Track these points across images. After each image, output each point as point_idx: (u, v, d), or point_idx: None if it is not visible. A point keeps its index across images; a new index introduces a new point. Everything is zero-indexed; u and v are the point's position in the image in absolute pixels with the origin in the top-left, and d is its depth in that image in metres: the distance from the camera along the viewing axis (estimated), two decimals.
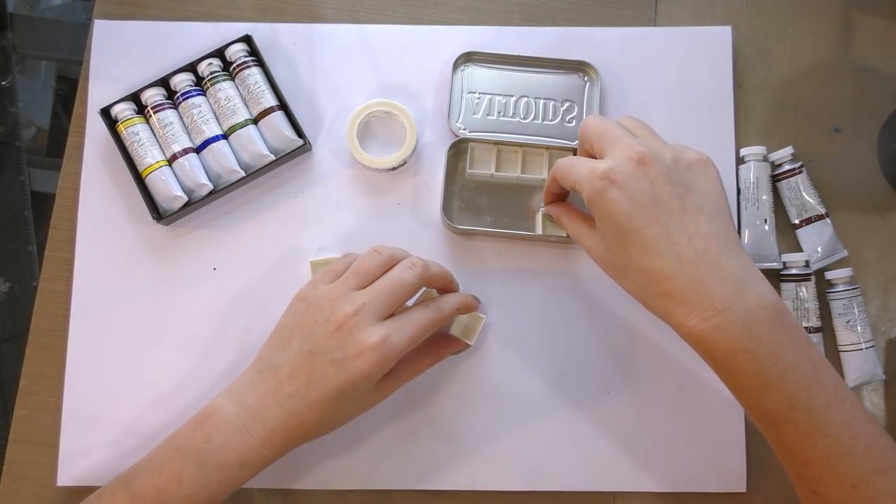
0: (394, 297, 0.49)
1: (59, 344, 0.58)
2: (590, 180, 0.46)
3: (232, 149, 0.59)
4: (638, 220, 0.44)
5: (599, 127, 0.48)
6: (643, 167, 0.45)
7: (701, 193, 0.46)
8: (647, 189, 0.45)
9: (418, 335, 0.49)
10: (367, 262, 0.50)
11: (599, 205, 0.46)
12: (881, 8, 0.64)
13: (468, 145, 0.60)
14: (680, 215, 0.44)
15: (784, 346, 0.43)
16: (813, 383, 0.43)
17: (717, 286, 0.43)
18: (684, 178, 0.46)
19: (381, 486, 0.56)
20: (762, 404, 0.44)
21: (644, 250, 0.44)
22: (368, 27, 0.63)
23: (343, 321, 0.47)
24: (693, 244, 0.44)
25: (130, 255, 0.59)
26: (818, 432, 0.43)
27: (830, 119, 0.62)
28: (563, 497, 0.56)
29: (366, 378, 0.46)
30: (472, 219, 0.60)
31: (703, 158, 0.47)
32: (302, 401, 0.47)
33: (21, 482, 0.56)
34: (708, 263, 0.44)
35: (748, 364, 0.43)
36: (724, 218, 0.46)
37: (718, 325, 0.43)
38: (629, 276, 0.47)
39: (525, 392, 0.57)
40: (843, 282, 0.58)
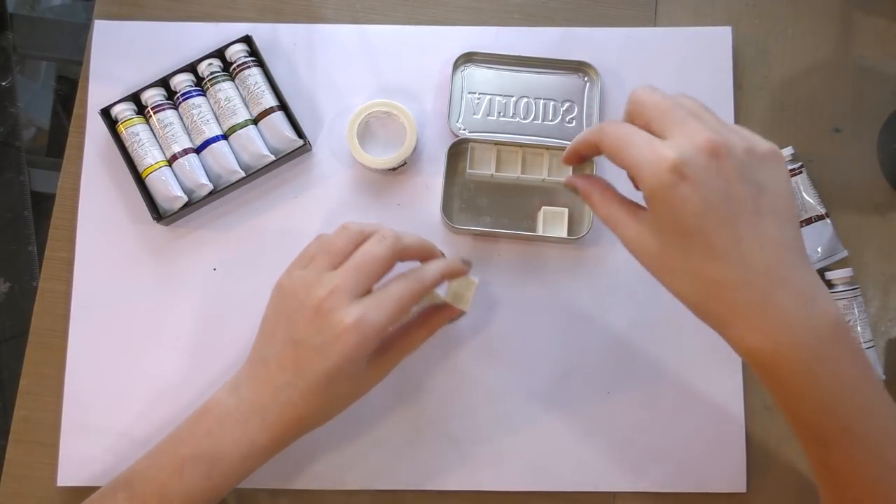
0: (366, 273, 0.47)
1: (59, 344, 0.58)
2: (656, 171, 0.39)
3: (232, 149, 0.59)
4: (708, 223, 0.39)
5: (660, 102, 0.42)
6: (716, 160, 0.39)
7: (774, 195, 0.41)
8: (721, 187, 0.39)
9: (398, 308, 0.47)
10: (335, 241, 0.49)
11: (667, 201, 0.40)
12: (881, 8, 0.64)
13: (468, 145, 0.60)
14: (753, 219, 0.40)
15: (846, 365, 0.40)
16: (871, 406, 0.41)
17: (786, 302, 0.40)
18: (757, 174, 0.41)
19: (381, 486, 0.56)
20: (816, 424, 0.41)
21: (710, 256, 0.40)
22: (368, 27, 0.63)
23: (318, 305, 0.46)
24: (764, 253, 0.40)
25: (130, 255, 0.59)
26: (869, 455, 0.41)
27: (830, 119, 0.62)
28: (563, 497, 0.56)
29: (349, 361, 0.45)
30: (472, 219, 0.60)
31: (774, 150, 0.42)
32: (294, 391, 0.46)
33: (21, 482, 0.56)
34: (778, 276, 0.40)
35: (809, 385, 0.40)
36: (794, 224, 0.42)
37: (783, 344, 0.39)
38: (685, 280, 0.42)
39: (525, 392, 0.57)
40: (843, 282, 0.58)
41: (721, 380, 0.57)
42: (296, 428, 0.47)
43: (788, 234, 0.41)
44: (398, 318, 0.47)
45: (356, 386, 0.49)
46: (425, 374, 0.57)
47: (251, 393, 0.47)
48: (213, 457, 0.46)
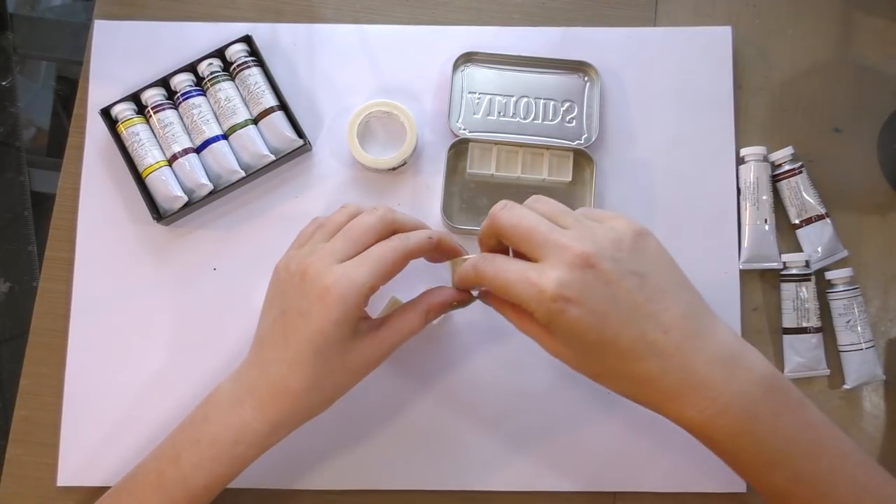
0: (353, 238, 0.46)
1: (59, 344, 0.58)
2: (541, 304, 0.41)
3: (232, 149, 0.59)
4: (608, 332, 0.41)
5: (519, 224, 0.43)
6: (592, 271, 0.41)
7: (655, 274, 0.43)
8: (606, 294, 0.41)
9: (381, 267, 0.45)
10: (333, 217, 0.49)
11: (561, 325, 0.41)
12: (881, 8, 0.64)
13: (468, 145, 0.60)
14: (647, 307, 0.41)
15: (783, 418, 0.42)
16: (815, 451, 0.42)
17: (706, 372, 0.41)
18: (633, 263, 0.42)
19: (381, 486, 0.56)
20: (767, 481, 0.43)
21: (624, 357, 0.42)
22: (368, 27, 0.63)
23: (304, 271, 0.45)
24: (670, 336, 0.41)
25: (130, 255, 0.59)
26: (825, 499, 0.42)
27: (830, 119, 0.62)
28: (563, 497, 0.56)
29: (333, 323, 0.43)
30: (472, 219, 0.60)
31: (637, 228, 0.44)
32: (282, 364, 0.45)
33: (21, 482, 0.56)
34: (691, 351, 0.42)
35: (750, 445, 0.42)
36: (688, 290, 0.44)
37: (715, 413, 0.41)
38: (613, 381, 0.44)
39: (525, 392, 0.57)
40: (844, 282, 0.58)
41: None
42: (287, 406, 0.46)
43: (686, 305, 0.43)
44: (382, 278, 0.45)
45: (348, 360, 0.46)
46: (425, 374, 0.57)
47: (247, 374, 0.47)
48: (206, 442, 0.46)
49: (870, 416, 0.57)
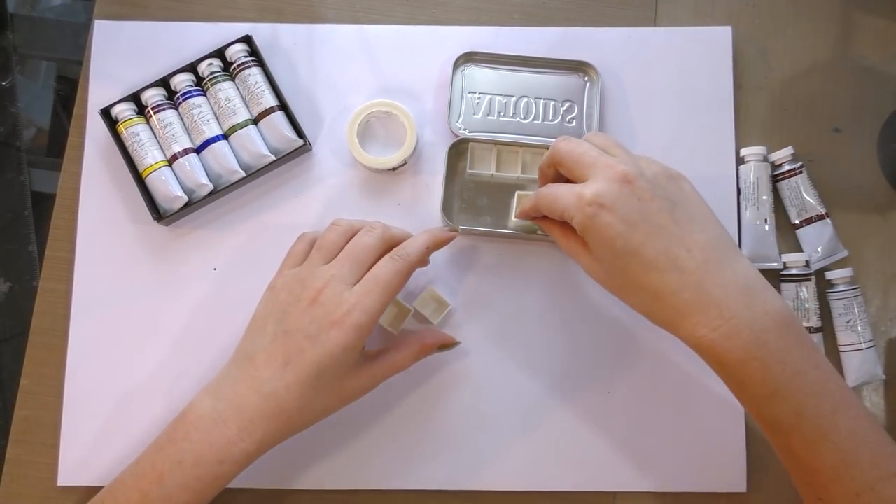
0: (359, 261, 0.49)
1: (59, 344, 0.58)
2: (579, 208, 0.46)
3: (232, 149, 0.59)
4: (634, 240, 0.45)
5: (574, 150, 0.48)
6: (629, 186, 0.45)
7: (687, 204, 0.47)
8: (638, 207, 0.45)
9: (390, 291, 0.48)
10: (328, 237, 0.51)
11: (593, 230, 0.46)
12: (881, 8, 0.64)
13: (468, 145, 0.60)
14: (674, 228, 0.45)
15: (792, 353, 0.43)
16: (820, 390, 0.43)
17: (722, 294, 0.44)
18: (668, 191, 0.46)
19: (380, 486, 0.56)
20: (770, 412, 0.44)
21: (645, 268, 0.45)
22: (369, 27, 0.63)
23: (314, 297, 0.47)
24: (692, 255, 0.44)
25: (130, 255, 0.59)
26: (825, 440, 0.43)
27: (830, 119, 0.62)
28: (563, 497, 0.56)
29: (344, 349, 0.46)
30: (472, 219, 0.60)
31: (679, 173, 0.48)
32: (279, 383, 0.46)
33: (21, 482, 0.56)
34: (710, 273, 0.44)
35: (757, 372, 0.43)
36: (715, 225, 0.47)
37: (727, 334, 0.43)
38: (633, 294, 0.47)
39: (525, 392, 0.57)
40: (844, 282, 0.58)
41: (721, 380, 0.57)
42: (276, 426, 0.46)
43: (712, 235, 0.46)
44: (390, 301, 0.48)
45: (342, 386, 0.48)
46: (425, 374, 0.57)
47: (232, 392, 0.47)
48: (190, 462, 0.46)
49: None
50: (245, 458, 0.47)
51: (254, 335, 0.49)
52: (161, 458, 0.47)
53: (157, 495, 0.46)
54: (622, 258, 0.45)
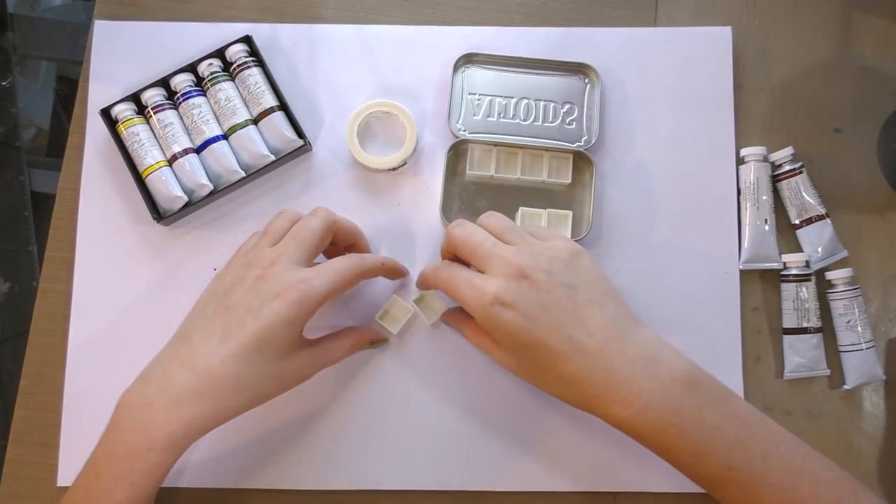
0: (306, 243, 0.49)
1: (59, 344, 0.58)
2: (481, 306, 0.46)
3: (232, 149, 0.59)
4: (538, 333, 0.46)
5: (468, 240, 0.49)
6: (527, 281, 0.46)
7: (585, 287, 0.47)
8: (537, 300, 0.46)
9: (341, 278, 0.48)
10: (275, 223, 0.51)
11: (496, 327, 0.46)
12: (881, 8, 0.64)
13: (468, 146, 0.60)
14: (575, 314, 0.46)
15: (707, 410, 0.45)
16: (744, 438, 0.44)
17: (629, 371, 0.45)
18: (566, 276, 0.47)
19: (380, 486, 0.56)
20: (701, 472, 0.45)
21: (553, 359, 0.46)
22: (368, 27, 0.63)
23: (261, 273, 0.47)
24: (595, 338, 0.46)
25: (130, 255, 0.59)
26: (761, 485, 0.43)
27: (830, 119, 0.62)
28: (563, 497, 0.56)
29: (285, 321, 0.45)
30: (471, 220, 0.59)
31: (572, 248, 0.49)
32: (214, 358, 0.44)
33: (21, 482, 0.56)
34: (614, 352, 0.45)
35: (678, 438, 0.44)
36: (615, 301, 0.48)
37: (641, 409, 0.44)
38: (547, 383, 0.48)
39: (525, 392, 0.57)
40: (844, 282, 0.58)
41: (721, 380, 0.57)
42: (209, 404, 0.44)
43: (611, 313, 0.47)
44: (338, 289, 0.48)
45: (281, 366, 0.47)
46: (424, 373, 0.57)
47: (161, 373, 0.45)
48: (121, 453, 0.44)
49: (870, 416, 0.57)
50: (174, 444, 0.44)
51: (193, 316, 0.48)
52: (98, 451, 0.45)
53: (98, 491, 0.44)
54: (529, 351, 0.46)
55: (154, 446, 0.44)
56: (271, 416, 0.56)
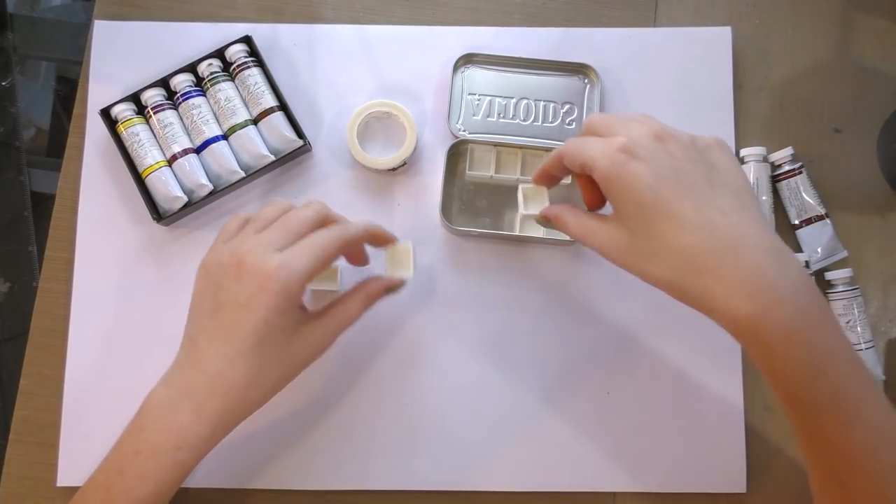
0: (290, 229, 0.46)
1: (59, 344, 0.58)
2: (606, 154, 0.42)
3: (232, 149, 0.59)
4: (665, 193, 0.41)
5: (607, 117, 0.45)
6: (662, 143, 0.42)
7: (724, 172, 0.43)
8: (670, 163, 0.42)
9: (321, 254, 0.46)
10: (265, 211, 0.49)
11: (620, 178, 0.41)
12: (881, 8, 0.64)
13: (468, 147, 0.60)
14: (707, 189, 0.41)
15: (829, 328, 0.40)
16: (853, 368, 0.40)
17: (762, 260, 0.39)
18: (704, 156, 0.43)
19: (379, 486, 0.56)
20: (807, 393, 0.40)
21: (676, 225, 0.40)
22: (368, 27, 0.63)
23: (241, 261, 0.45)
24: (727, 217, 0.40)
25: (130, 256, 0.59)
26: (859, 421, 0.40)
27: (830, 119, 0.62)
28: (563, 497, 0.56)
29: (275, 311, 0.44)
30: (471, 220, 0.60)
31: (720, 141, 0.45)
32: (223, 361, 0.44)
33: (21, 482, 0.56)
34: (747, 236, 0.40)
35: (801, 348, 0.39)
36: (751, 196, 0.43)
37: (770, 304, 0.38)
38: (659, 258, 0.41)
39: (525, 392, 0.57)
40: (843, 282, 0.58)
41: (721, 379, 0.57)
42: (228, 405, 0.45)
43: (746, 202, 0.42)
44: (320, 265, 0.46)
45: (290, 351, 0.46)
46: (425, 373, 0.57)
47: (180, 378, 0.46)
48: (148, 452, 0.45)
49: None
50: (202, 443, 0.45)
51: (194, 316, 0.47)
52: (121, 450, 0.46)
53: (120, 488, 0.45)
54: (651, 213, 0.41)
55: (182, 445, 0.45)
56: (271, 416, 0.56)
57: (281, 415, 0.57)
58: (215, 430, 0.45)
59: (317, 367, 0.56)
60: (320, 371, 0.57)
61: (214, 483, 0.56)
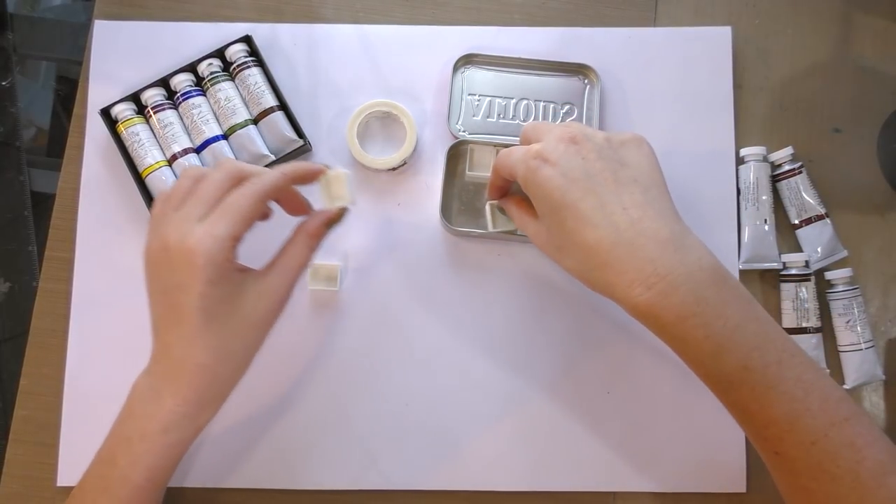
0: (204, 198, 0.44)
1: (59, 344, 0.58)
2: (523, 161, 0.47)
3: (232, 149, 0.59)
4: (572, 195, 0.45)
5: (537, 125, 0.50)
6: (575, 145, 0.46)
7: (635, 167, 0.47)
8: (580, 165, 0.46)
9: (239, 215, 0.44)
10: (178, 185, 0.46)
11: (534, 182, 0.46)
12: (881, 8, 0.64)
13: (467, 147, 0.60)
14: (613, 187, 0.45)
15: (731, 307, 0.43)
16: (763, 341, 0.43)
17: (656, 252, 0.43)
18: (617, 154, 0.47)
19: (379, 486, 0.56)
20: (716, 369, 0.44)
21: (581, 223, 0.45)
22: (368, 27, 0.63)
23: (166, 244, 0.44)
24: (628, 213, 0.44)
25: (130, 256, 0.59)
26: (774, 391, 0.43)
27: (830, 119, 0.62)
28: (563, 497, 0.56)
29: (208, 284, 0.43)
30: (471, 221, 0.60)
31: (636, 137, 0.48)
32: (184, 343, 0.44)
33: (21, 482, 0.56)
34: (645, 230, 0.44)
35: (698, 329, 0.43)
36: (659, 189, 0.47)
37: (664, 291, 0.43)
38: (569, 253, 0.47)
39: (525, 392, 0.57)
40: (843, 282, 0.58)
41: None
42: (205, 383, 0.45)
43: (652, 197, 0.46)
44: (242, 225, 0.44)
45: (244, 316, 0.45)
46: (425, 373, 0.57)
47: (156, 366, 0.46)
48: (137, 438, 0.45)
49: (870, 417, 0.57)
50: (188, 423, 0.46)
51: (151, 306, 0.47)
52: (112, 440, 0.47)
53: (115, 477, 0.46)
54: (559, 212, 0.46)
55: (170, 427, 0.45)
56: (270, 416, 0.56)
57: (280, 414, 0.57)
58: (200, 409, 0.46)
59: (316, 368, 0.56)
60: (320, 371, 0.57)
61: (213, 483, 0.56)
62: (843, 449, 0.42)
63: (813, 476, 0.43)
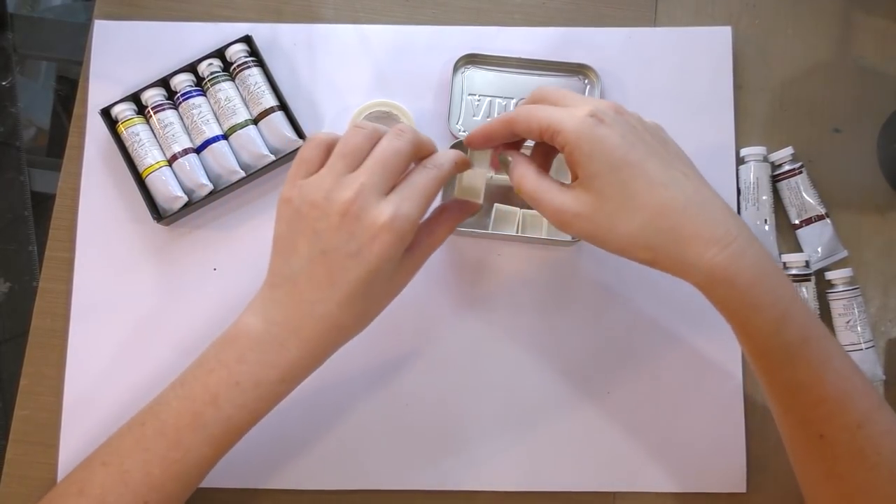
0: (391, 168, 0.44)
1: (59, 344, 0.58)
2: (574, 118, 0.43)
3: (232, 149, 0.59)
4: (636, 153, 0.43)
5: (562, 90, 0.47)
6: (622, 115, 0.45)
7: (672, 147, 0.47)
8: (633, 132, 0.44)
9: (428, 199, 0.45)
10: (352, 141, 0.45)
11: (591, 138, 0.43)
12: (881, 8, 0.64)
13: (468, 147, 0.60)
14: (666, 156, 0.45)
15: (785, 277, 0.43)
16: (813, 316, 0.43)
17: (724, 215, 0.43)
18: (656, 134, 0.46)
19: (379, 486, 0.56)
20: (779, 339, 0.42)
21: (649, 183, 0.42)
22: (368, 27, 0.63)
23: (346, 210, 0.43)
24: (690, 179, 0.44)
25: (130, 255, 0.59)
26: (828, 365, 0.42)
27: (830, 119, 0.62)
28: (563, 497, 0.56)
29: (388, 260, 0.43)
30: (471, 221, 0.59)
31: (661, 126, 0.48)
32: (330, 303, 0.44)
33: (21, 482, 0.56)
34: (708, 197, 0.44)
35: (768, 293, 0.41)
36: (696, 169, 0.47)
37: (738, 252, 0.41)
38: (632, 216, 0.43)
39: (525, 392, 0.57)
40: (843, 282, 0.58)
41: (721, 380, 0.57)
42: (334, 338, 0.46)
43: (696, 172, 0.46)
44: (427, 209, 0.45)
45: (390, 286, 0.47)
46: (425, 373, 0.57)
47: (282, 315, 0.45)
48: (250, 384, 0.45)
49: None
50: (305, 373, 0.47)
51: (286, 255, 0.45)
52: (213, 380, 0.46)
53: (213, 416, 0.45)
54: (621, 170, 0.42)
55: (287, 378, 0.46)
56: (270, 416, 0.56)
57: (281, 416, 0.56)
58: (317, 365, 0.47)
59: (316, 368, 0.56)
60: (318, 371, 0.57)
61: (212, 483, 0.56)
62: (885, 437, 0.41)
63: (852, 462, 0.42)
